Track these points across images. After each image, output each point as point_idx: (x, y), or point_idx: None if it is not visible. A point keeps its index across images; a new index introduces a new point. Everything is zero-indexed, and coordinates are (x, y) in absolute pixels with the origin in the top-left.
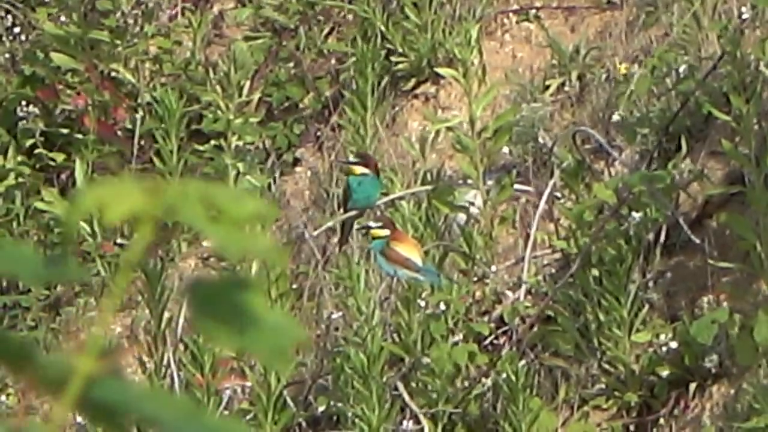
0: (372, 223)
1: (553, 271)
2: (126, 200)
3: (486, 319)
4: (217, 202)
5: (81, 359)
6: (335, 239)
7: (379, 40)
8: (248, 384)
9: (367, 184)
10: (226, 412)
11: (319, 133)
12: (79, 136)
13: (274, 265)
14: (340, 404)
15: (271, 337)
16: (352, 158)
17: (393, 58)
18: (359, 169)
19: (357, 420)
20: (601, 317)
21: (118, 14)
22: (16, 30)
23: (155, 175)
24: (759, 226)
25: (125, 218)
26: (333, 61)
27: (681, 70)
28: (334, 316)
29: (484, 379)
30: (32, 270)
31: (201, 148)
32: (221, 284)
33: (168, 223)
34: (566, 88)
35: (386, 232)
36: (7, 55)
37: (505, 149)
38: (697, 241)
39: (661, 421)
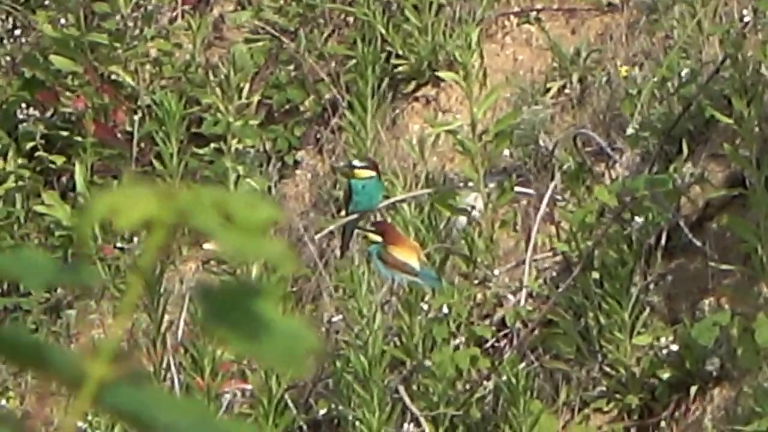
0: (368, 227)
1: (554, 274)
2: (139, 206)
3: (487, 322)
4: (229, 208)
5: (94, 364)
6: (336, 242)
7: (379, 42)
8: (249, 387)
9: (370, 188)
10: (227, 416)
11: (319, 136)
12: (79, 138)
13: (286, 269)
14: (340, 407)
15: (285, 343)
16: (357, 162)
17: (393, 61)
18: (366, 173)
19: (358, 423)
20: (602, 320)
21: (118, 17)
22: (17, 32)
23: (155, 178)
24: (760, 229)
25: (138, 224)
26: (333, 64)
27: (683, 73)
28: (334, 319)
29: (485, 382)
30: (46, 276)
31: (201, 151)
32: (231, 290)
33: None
34: (567, 91)
35: (378, 238)
36: (7, 58)
37: (506, 152)
38: (698, 243)
39: (662, 423)
